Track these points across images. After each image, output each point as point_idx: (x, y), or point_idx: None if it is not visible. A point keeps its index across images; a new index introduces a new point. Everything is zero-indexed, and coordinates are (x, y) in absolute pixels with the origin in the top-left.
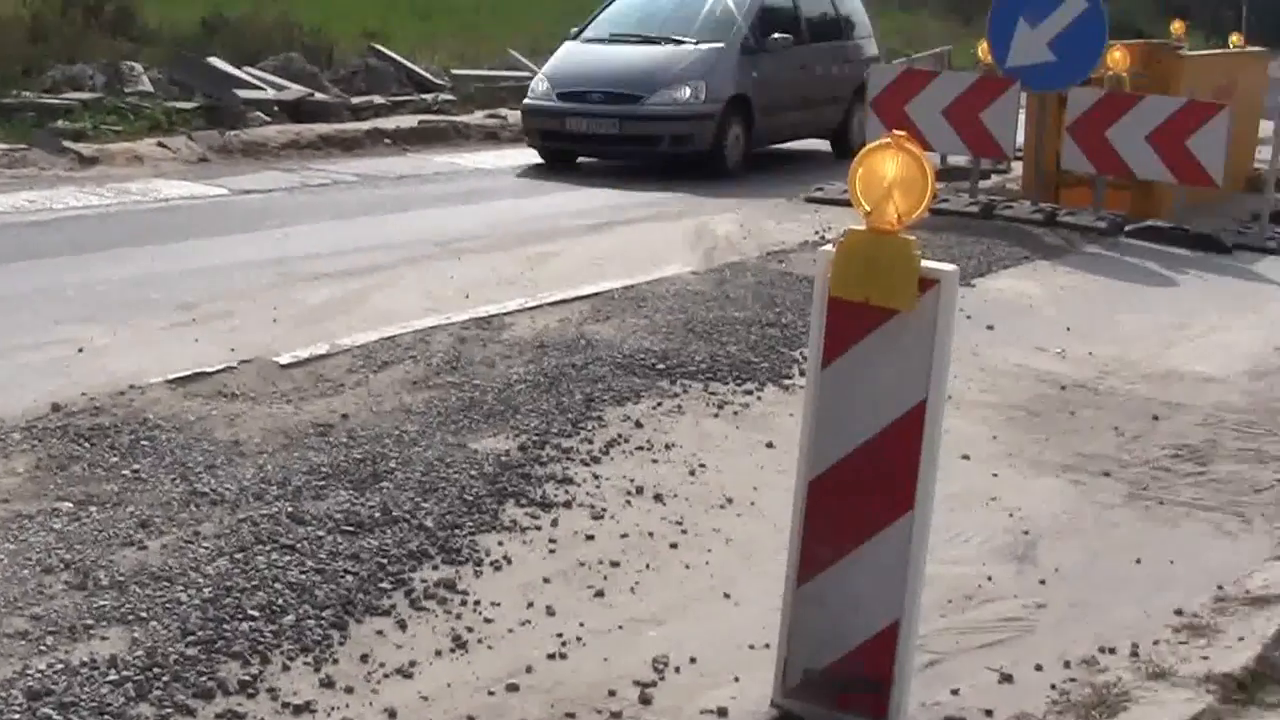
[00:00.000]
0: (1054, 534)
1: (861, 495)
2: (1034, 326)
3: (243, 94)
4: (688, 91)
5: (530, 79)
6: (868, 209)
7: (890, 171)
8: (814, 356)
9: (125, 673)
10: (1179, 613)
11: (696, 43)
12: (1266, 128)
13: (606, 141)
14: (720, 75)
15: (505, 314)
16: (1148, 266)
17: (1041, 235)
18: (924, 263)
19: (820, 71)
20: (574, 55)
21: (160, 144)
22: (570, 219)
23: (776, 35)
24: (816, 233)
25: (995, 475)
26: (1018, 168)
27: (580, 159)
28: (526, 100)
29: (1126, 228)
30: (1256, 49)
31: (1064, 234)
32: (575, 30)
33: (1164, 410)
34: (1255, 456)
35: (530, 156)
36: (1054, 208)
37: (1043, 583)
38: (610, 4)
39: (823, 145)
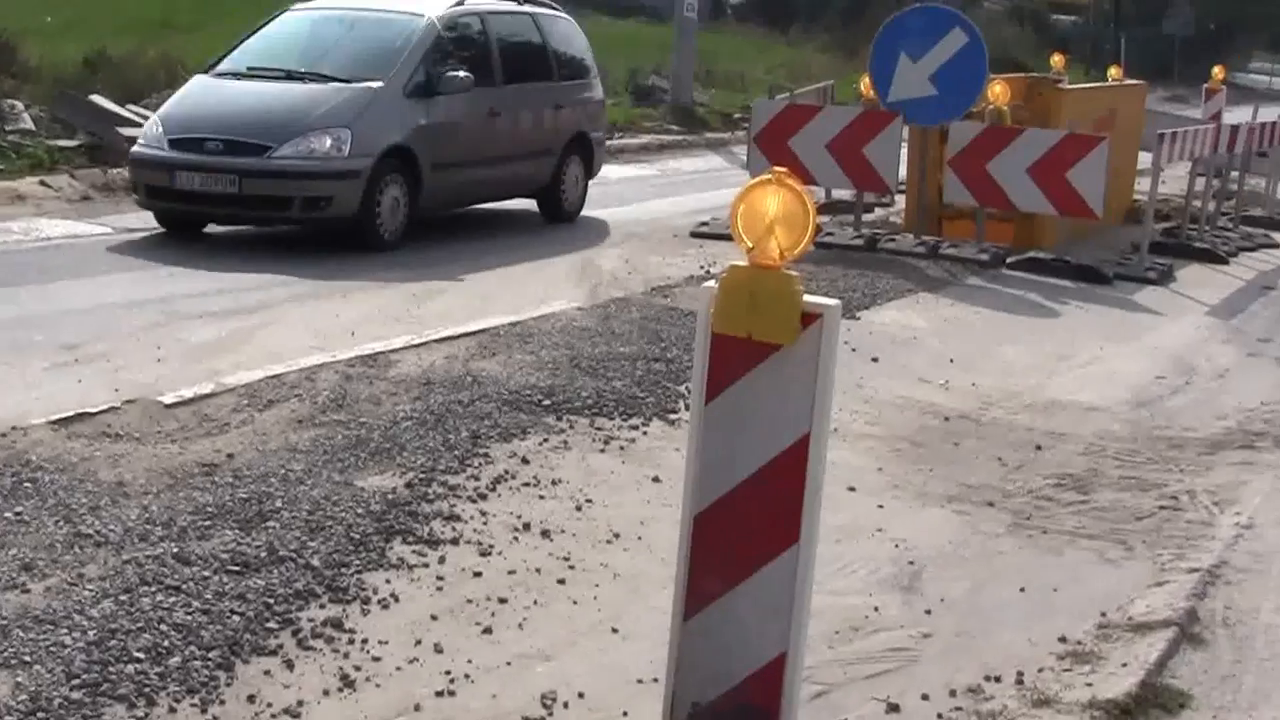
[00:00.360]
0: (939, 564)
1: (747, 528)
2: (918, 358)
3: (126, 132)
4: (328, 142)
5: None
6: (750, 245)
7: (772, 208)
8: (697, 392)
9: (8, 718)
10: (1063, 640)
11: (348, 80)
12: (1145, 159)
13: (224, 202)
14: (373, 122)
15: (391, 351)
16: (1030, 298)
17: (925, 268)
18: (806, 297)
19: (520, 118)
20: (199, 93)
21: (42, 183)
22: (455, 255)
23: (455, 73)
24: (702, 267)
25: (881, 506)
26: (901, 201)
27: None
28: (134, 148)
29: (1009, 259)
30: (1134, 82)
31: (947, 266)
32: (211, 61)
33: (1047, 440)
34: (1137, 484)
35: None
36: (937, 240)
37: (929, 612)
38: (259, 28)
39: (530, 206)
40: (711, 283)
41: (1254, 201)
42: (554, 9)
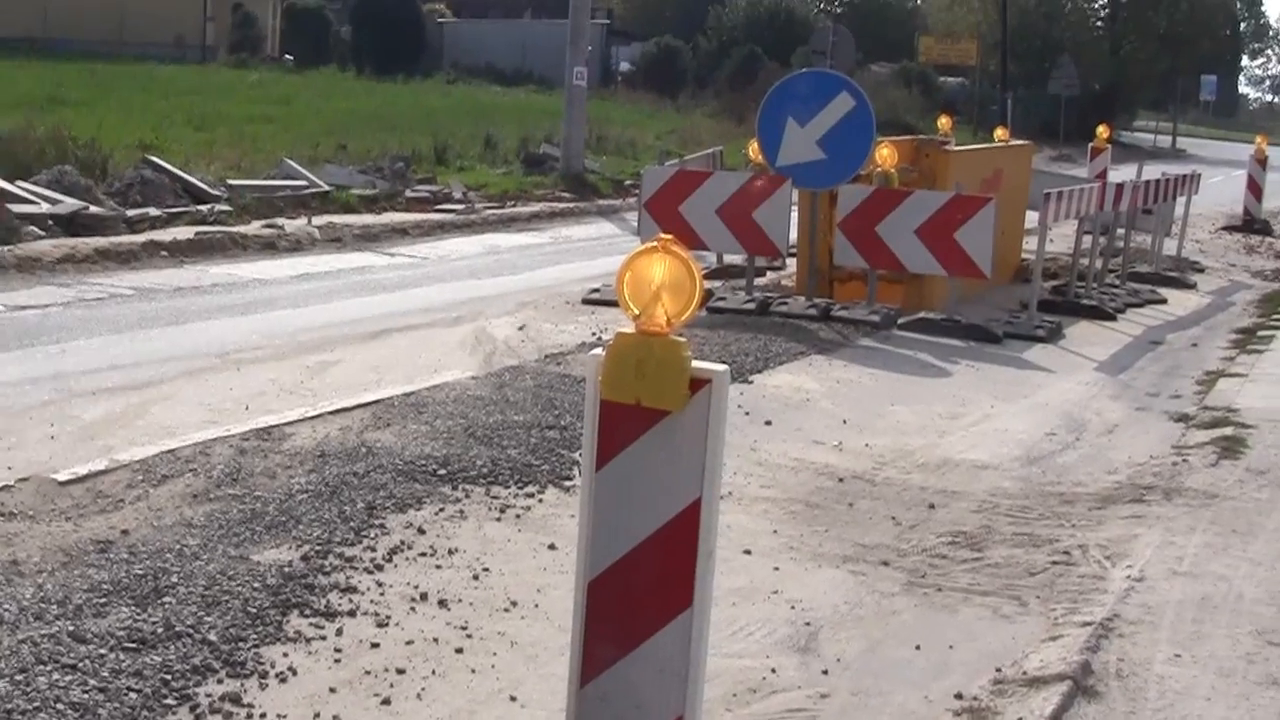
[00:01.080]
0: (835, 624)
1: (640, 594)
2: (811, 420)
3: (16, 208)
4: None
5: (307, 188)
6: (637, 312)
7: (658, 274)
8: (588, 459)
9: None
10: (959, 697)
11: None
12: (1033, 218)
13: None
14: None
15: (286, 424)
16: (921, 358)
17: (817, 330)
18: (695, 362)
19: None
20: None
21: None
22: (349, 327)
23: None
24: (594, 334)
25: (777, 569)
26: (793, 265)
27: None
28: None
29: (900, 320)
30: (1020, 142)
31: (839, 328)
32: None
33: (940, 499)
34: (1029, 540)
35: (311, 265)
36: (828, 303)
37: (825, 673)
38: None
39: None
40: (599, 350)
41: (1140, 258)
42: None
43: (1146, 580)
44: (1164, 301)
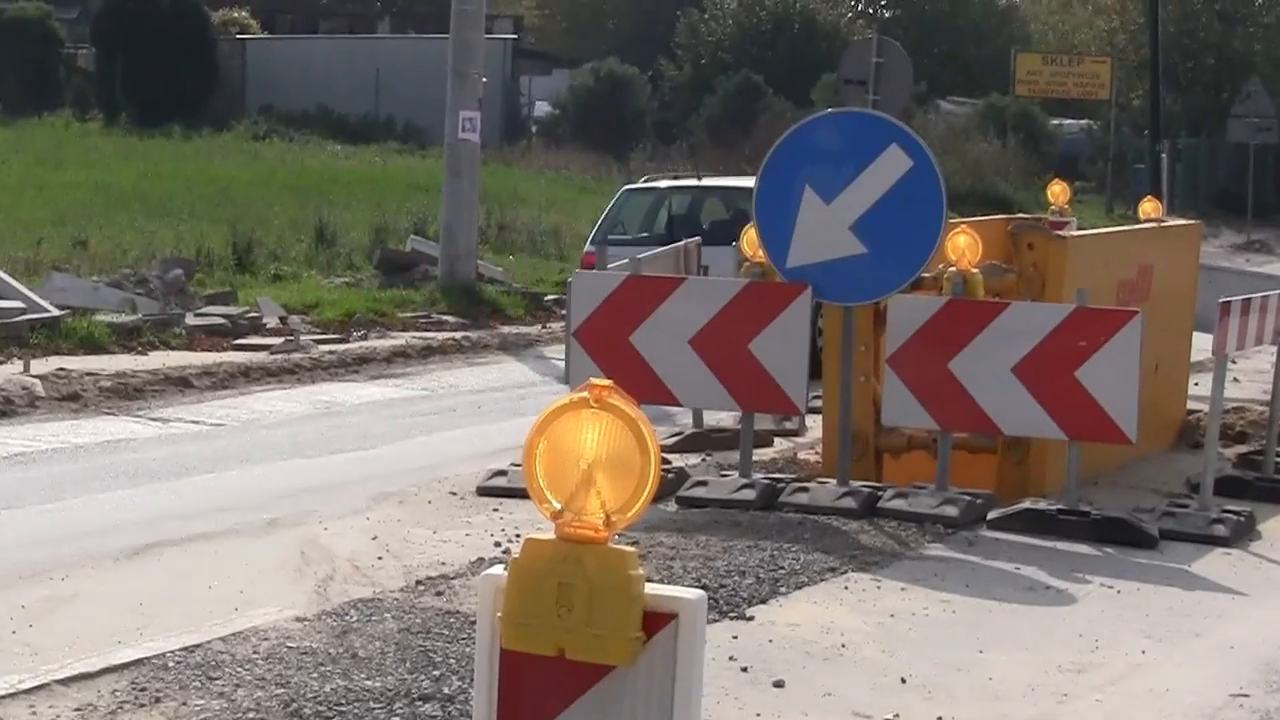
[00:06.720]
0: None
1: None
2: (851, 680)
3: None
4: None
5: (22, 313)
6: (557, 506)
7: (589, 444)
8: None
9: None
10: None
11: None
12: (1204, 342)
13: None
14: None
15: None
16: (1026, 574)
17: (856, 533)
18: (652, 587)
19: None
20: None
21: None
22: (95, 539)
23: None
24: (497, 544)
25: None
26: (816, 426)
27: None
28: None
29: (990, 514)
30: (1183, 222)
31: (892, 529)
32: None
33: None
34: None
35: (30, 439)
36: (874, 487)
37: None
38: None
39: None
40: (498, 569)
41: None
42: None
43: None
44: None
